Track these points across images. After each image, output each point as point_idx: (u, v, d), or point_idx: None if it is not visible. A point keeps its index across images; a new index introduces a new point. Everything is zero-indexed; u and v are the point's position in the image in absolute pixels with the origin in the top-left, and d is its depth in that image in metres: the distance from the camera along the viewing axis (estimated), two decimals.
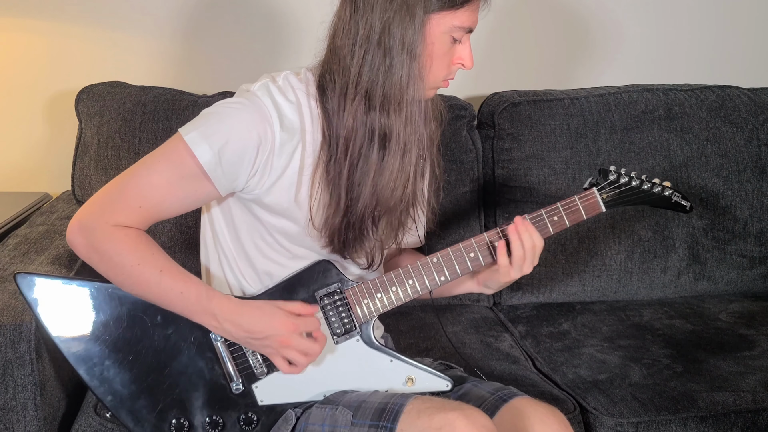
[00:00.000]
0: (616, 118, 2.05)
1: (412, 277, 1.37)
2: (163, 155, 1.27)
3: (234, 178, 1.26)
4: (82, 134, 1.98)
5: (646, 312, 1.99)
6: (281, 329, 1.27)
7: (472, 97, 2.25)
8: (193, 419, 1.33)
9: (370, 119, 1.26)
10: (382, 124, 1.26)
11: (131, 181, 1.26)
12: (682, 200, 1.45)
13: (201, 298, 1.27)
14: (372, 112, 1.26)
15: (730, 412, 1.58)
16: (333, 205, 1.31)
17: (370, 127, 1.27)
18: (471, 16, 1.26)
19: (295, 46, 2.19)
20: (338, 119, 1.27)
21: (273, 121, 1.25)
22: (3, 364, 1.40)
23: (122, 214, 1.25)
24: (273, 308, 1.29)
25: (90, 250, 1.25)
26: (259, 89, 1.28)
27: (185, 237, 1.88)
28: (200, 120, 1.27)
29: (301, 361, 1.29)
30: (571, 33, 2.32)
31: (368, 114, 1.26)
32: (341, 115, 1.27)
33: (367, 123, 1.26)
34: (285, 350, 1.28)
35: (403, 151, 1.28)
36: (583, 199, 1.39)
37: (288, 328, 1.27)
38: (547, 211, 1.38)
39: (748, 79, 2.27)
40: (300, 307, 1.32)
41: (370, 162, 1.28)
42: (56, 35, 2.12)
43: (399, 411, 1.23)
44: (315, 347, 1.29)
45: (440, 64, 1.28)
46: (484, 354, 1.77)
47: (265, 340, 1.28)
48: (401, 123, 1.26)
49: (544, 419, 1.29)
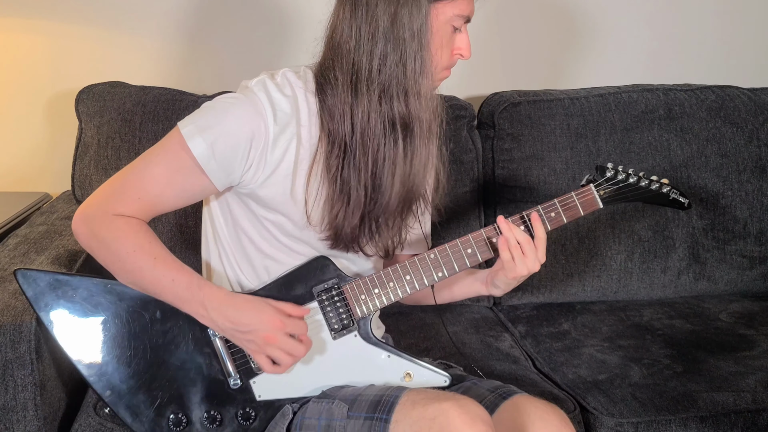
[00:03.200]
0: (616, 118, 2.05)
1: (409, 273, 1.37)
2: (162, 148, 1.30)
3: (229, 172, 1.27)
4: (82, 134, 1.98)
5: (646, 312, 1.99)
6: (268, 325, 1.27)
7: (472, 97, 2.25)
8: (191, 414, 1.33)
9: (385, 111, 1.28)
10: (402, 113, 1.28)
11: (132, 173, 1.30)
12: (680, 197, 1.45)
13: (192, 287, 1.27)
14: (387, 104, 1.27)
15: (730, 412, 1.58)
16: (346, 202, 1.31)
17: (389, 119, 1.28)
18: (469, 4, 1.30)
19: (296, 46, 2.19)
20: (344, 116, 1.28)
21: (267, 115, 1.27)
22: (3, 364, 1.40)
23: (122, 205, 1.27)
24: (263, 304, 1.29)
25: (90, 237, 1.27)
26: (256, 85, 1.29)
27: (185, 237, 1.88)
28: (198, 114, 1.30)
29: (285, 360, 1.29)
30: (571, 33, 2.32)
31: (382, 106, 1.27)
32: (350, 112, 1.28)
33: (383, 115, 1.28)
34: (269, 348, 1.28)
35: (428, 135, 1.31)
36: (580, 195, 1.40)
37: (275, 325, 1.27)
38: (544, 207, 1.39)
39: (748, 79, 2.27)
40: (291, 308, 1.31)
41: (397, 153, 1.29)
42: (56, 35, 2.12)
43: (394, 402, 1.23)
44: (300, 348, 1.29)
45: (443, 54, 1.30)
46: (484, 354, 1.77)
47: (249, 334, 1.28)
48: (423, 109, 1.29)
49: (544, 416, 1.29)
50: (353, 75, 1.27)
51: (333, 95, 1.28)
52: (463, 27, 1.31)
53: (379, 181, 1.31)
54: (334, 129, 1.29)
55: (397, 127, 1.28)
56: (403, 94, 1.27)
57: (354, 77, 1.27)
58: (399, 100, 1.27)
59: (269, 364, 1.29)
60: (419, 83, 1.27)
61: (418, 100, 1.28)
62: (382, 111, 1.28)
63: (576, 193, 1.40)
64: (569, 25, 2.31)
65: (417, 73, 1.26)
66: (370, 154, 1.29)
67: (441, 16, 1.27)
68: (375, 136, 1.28)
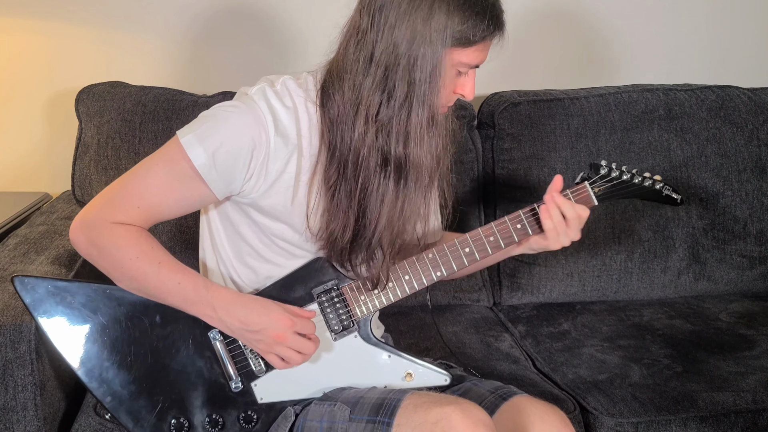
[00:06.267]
0: (616, 118, 2.05)
1: (408, 273, 1.37)
2: (161, 157, 1.28)
3: (230, 182, 1.27)
4: (82, 134, 1.98)
5: (646, 312, 1.99)
6: (277, 323, 1.27)
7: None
8: (192, 419, 1.33)
9: (381, 145, 1.25)
10: (398, 154, 1.25)
11: (131, 181, 1.28)
12: (672, 193, 1.46)
13: (198, 288, 1.27)
14: (384, 139, 1.24)
15: (730, 412, 1.58)
16: (340, 219, 1.29)
17: (384, 155, 1.25)
18: (480, 54, 1.26)
19: (296, 47, 2.19)
20: (344, 130, 1.26)
21: (268, 125, 1.26)
22: (3, 364, 1.40)
23: (122, 213, 1.26)
24: (271, 303, 1.30)
25: (90, 246, 1.26)
26: (256, 93, 1.28)
27: (185, 237, 1.88)
28: (197, 123, 1.28)
29: (295, 358, 1.29)
30: (571, 33, 2.32)
31: (378, 140, 1.25)
32: (351, 126, 1.26)
33: (380, 149, 1.25)
34: (278, 347, 1.28)
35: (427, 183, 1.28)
36: (576, 193, 1.40)
37: (284, 323, 1.27)
38: (539, 205, 1.39)
39: (748, 79, 2.27)
40: (298, 309, 1.32)
41: (387, 190, 1.27)
42: (56, 35, 2.12)
43: (396, 406, 1.23)
44: (309, 345, 1.29)
45: (443, 94, 1.27)
46: (484, 354, 1.77)
47: (258, 334, 1.28)
48: (423, 154, 1.25)
49: (544, 417, 1.29)
50: (356, 96, 1.24)
51: (337, 105, 1.26)
52: (471, 72, 1.28)
53: (366, 210, 1.28)
54: (333, 142, 1.28)
55: (391, 165, 1.26)
56: (403, 137, 1.24)
57: (355, 98, 1.24)
58: (398, 141, 1.24)
59: (279, 361, 1.30)
60: (423, 126, 1.24)
61: (419, 145, 1.25)
62: (378, 144, 1.25)
63: (571, 191, 1.40)
64: (569, 25, 2.31)
65: (422, 117, 1.23)
66: (360, 180, 1.27)
67: (448, 61, 1.23)
68: (367, 165, 1.26)
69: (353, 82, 1.25)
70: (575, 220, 1.36)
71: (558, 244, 1.37)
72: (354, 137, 1.25)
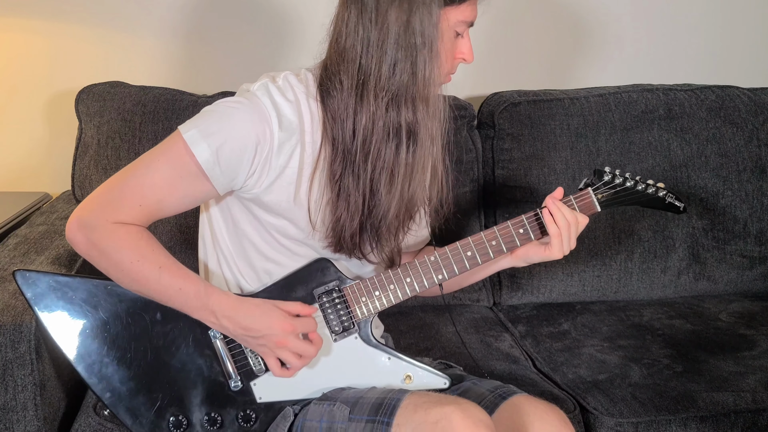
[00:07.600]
0: (616, 118, 2.05)
1: (410, 275, 1.37)
2: (163, 153, 1.27)
3: (232, 178, 1.26)
4: (82, 134, 1.98)
5: (646, 312, 1.99)
6: (278, 329, 1.27)
7: (472, 97, 2.25)
8: (191, 416, 1.33)
9: (392, 117, 1.26)
10: (409, 120, 1.27)
11: (131, 179, 1.26)
12: (675, 201, 1.47)
13: (200, 294, 1.27)
14: (395, 111, 1.26)
15: (730, 412, 1.58)
16: (345, 208, 1.30)
17: (395, 126, 1.27)
18: (473, 10, 1.29)
19: (296, 47, 2.19)
20: (347, 120, 1.27)
21: (272, 120, 1.25)
22: (3, 364, 1.40)
23: (123, 212, 1.25)
24: (271, 307, 1.29)
25: (90, 246, 1.25)
26: (259, 89, 1.28)
27: (185, 237, 1.88)
28: (200, 118, 1.27)
29: (295, 363, 1.29)
30: (571, 33, 2.32)
31: (389, 112, 1.26)
32: (353, 117, 1.27)
33: (388, 121, 1.26)
34: (280, 351, 1.28)
35: (432, 143, 1.30)
36: (579, 198, 1.40)
37: (285, 328, 1.27)
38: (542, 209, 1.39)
39: (748, 79, 2.27)
40: (299, 308, 1.31)
41: (398, 161, 1.28)
42: (56, 35, 2.12)
43: (396, 406, 1.23)
44: (310, 349, 1.29)
45: (447, 59, 1.30)
46: (484, 354, 1.77)
47: (261, 339, 1.28)
48: (429, 117, 1.28)
49: (543, 416, 1.29)
50: (360, 80, 1.25)
51: (337, 100, 1.27)
52: (466, 32, 1.31)
53: (377, 188, 1.29)
54: (336, 134, 1.28)
55: (402, 134, 1.27)
56: (411, 102, 1.26)
57: (361, 83, 1.25)
58: (407, 107, 1.26)
59: (278, 366, 1.30)
60: (428, 90, 1.26)
61: (426, 108, 1.27)
62: (389, 118, 1.26)
63: (575, 197, 1.40)
64: (569, 25, 2.31)
65: (426, 79, 1.25)
66: (370, 161, 1.28)
67: (446, 22, 1.26)
68: (377, 142, 1.27)
69: (352, 68, 1.25)
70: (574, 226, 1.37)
71: (561, 252, 1.37)
72: (362, 121, 1.26)
